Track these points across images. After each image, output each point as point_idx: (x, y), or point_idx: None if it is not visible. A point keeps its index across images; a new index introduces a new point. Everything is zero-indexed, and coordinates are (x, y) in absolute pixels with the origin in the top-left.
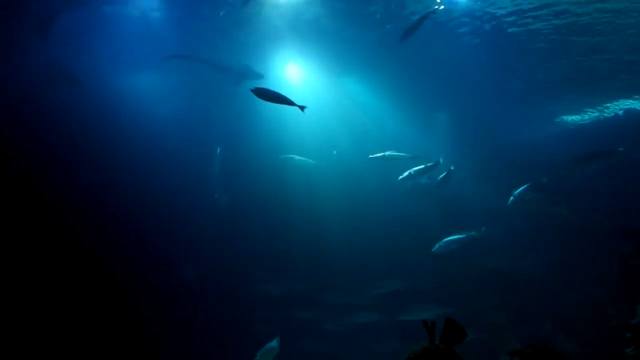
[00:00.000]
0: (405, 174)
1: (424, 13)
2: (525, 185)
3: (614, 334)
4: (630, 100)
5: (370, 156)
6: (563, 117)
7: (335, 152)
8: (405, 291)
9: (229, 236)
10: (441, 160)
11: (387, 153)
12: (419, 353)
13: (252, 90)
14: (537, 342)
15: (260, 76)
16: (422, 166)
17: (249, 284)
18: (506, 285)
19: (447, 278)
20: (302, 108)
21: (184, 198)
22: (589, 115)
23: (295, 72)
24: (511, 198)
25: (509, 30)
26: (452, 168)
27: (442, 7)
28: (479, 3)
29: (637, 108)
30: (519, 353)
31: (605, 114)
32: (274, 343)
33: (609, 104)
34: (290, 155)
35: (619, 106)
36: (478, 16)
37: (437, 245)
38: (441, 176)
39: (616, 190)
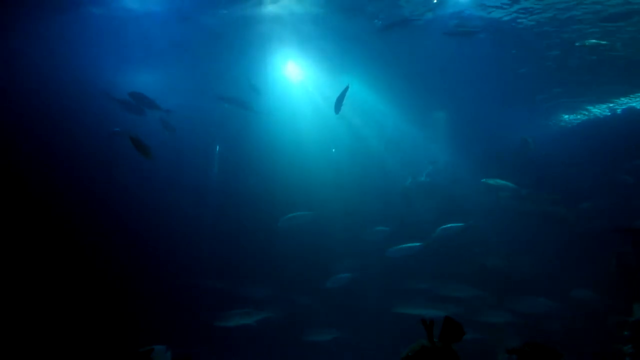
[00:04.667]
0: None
1: (343, 89)
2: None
3: (612, 332)
4: (628, 99)
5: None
6: (562, 116)
7: (334, 150)
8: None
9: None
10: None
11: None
12: (417, 351)
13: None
14: (535, 341)
15: None
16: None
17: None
18: (504, 283)
19: (444, 277)
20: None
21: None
22: (587, 114)
23: (294, 70)
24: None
25: (509, 30)
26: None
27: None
28: (479, 3)
29: (636, 107)
30: (517, 351)
31: (605, 113)
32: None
33: (608, 103)
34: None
35: (617, 105)
36: (478, 15)
37: (331, 278)
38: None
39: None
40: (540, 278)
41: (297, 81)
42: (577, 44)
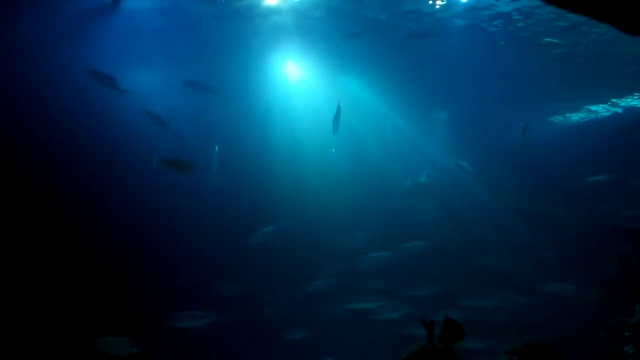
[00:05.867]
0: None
1: (337, 108)
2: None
3: (613, 333)
4: (629, 98)
5: None
6: (562, 115)
7: (333, 150)
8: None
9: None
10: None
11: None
12: (417, 352)
13: None
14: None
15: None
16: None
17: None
18: (504, 283)
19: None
20: None
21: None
22: (589, 114)
23: (294, 70)
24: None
25: (509, 29)
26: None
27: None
28: (480, 2)
29: (636, 106)
30: (518, 352)
31: (605, 112)
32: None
33: (609, 102)
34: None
35: (618, 104)
36: (479, 15)
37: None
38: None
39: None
40: (540, 278)
41: (297, 81)
42: (537, 42)
